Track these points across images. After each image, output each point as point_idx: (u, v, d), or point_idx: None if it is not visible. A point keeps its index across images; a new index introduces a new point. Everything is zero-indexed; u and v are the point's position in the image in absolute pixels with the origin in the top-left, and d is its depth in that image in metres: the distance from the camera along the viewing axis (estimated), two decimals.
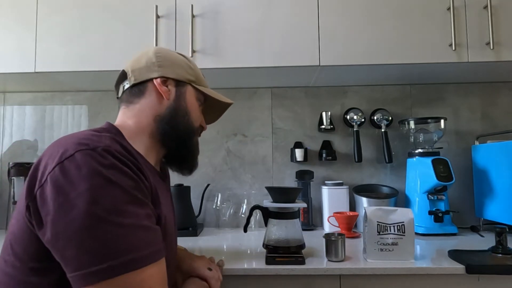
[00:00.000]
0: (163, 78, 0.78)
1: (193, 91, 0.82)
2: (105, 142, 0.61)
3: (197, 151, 0.86)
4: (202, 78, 0.86)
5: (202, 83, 0.85)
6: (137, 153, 0.71)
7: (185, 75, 0.81)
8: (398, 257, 1.00)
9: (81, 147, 0.58)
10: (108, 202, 0.54)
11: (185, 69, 0.82)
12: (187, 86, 0.81)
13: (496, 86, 1.62)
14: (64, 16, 1.35)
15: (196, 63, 0.88)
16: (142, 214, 0.58)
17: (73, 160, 0.56)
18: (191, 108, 0.81)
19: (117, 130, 0.73)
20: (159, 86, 0.77)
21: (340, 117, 1.63)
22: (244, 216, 1.55)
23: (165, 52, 0.82)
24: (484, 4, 1.27)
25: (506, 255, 1.00)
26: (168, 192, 0.86)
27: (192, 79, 0.82)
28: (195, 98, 0.83)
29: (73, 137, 0.62)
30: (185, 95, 0.81)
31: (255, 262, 1.03)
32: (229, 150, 1.64)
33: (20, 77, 1.44)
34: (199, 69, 0.86)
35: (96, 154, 0.57)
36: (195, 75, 0.83)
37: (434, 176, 1.35)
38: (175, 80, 0.80)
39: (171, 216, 0.78)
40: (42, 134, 1.69)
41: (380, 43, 1.29)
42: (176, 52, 0.85)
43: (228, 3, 1.32)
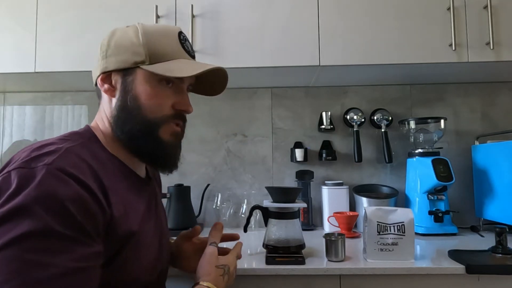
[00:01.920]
0: (105, 74, 0.68)
1: (146, 74, 0.67)
2: (51, 158, 0.54)
3: (167, 146, 0.70)
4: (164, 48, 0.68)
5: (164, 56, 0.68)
6: (112, 159, 0.66)
7: (130, 58, 0.67)
8: (398, 257, 1.00)
9: (21, 164, 0.53)
10: (13, 233, 0.47)
11: (130, 51, 0.67)
12: (136, 71, 0.67)
13: (496, 86, 1.61)
14: (64, 16, 1.35)
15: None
16: (57, 251, 0.49)
17: (6, 179, 0.52)
18: (145, 98, 0.67)
19: (92, 134, 0.68)
20: (100, 85, 0.69)
21: (340, 117, 1.63)
22: (244, 216, 1.55)
23: (110, 37, 0.70)
24: (484, 4, 1.27)
25: (506, 255, 1.00)
26: (153, 196, 0.78)
27: (140, 60, 0.66)
28: (154, 81, 0.67)
29: (34, 148, 0.57)
30: (132, 84, 0.67)
31: (255, 262, 1.03)
32: (229, 150, 1.64)
33: (20, 77, 1.44)
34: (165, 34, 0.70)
35: (31, 175, 0.51)
36: (148, 50, 0.67)
37: (434, 176, 1.35)
38: (119, 71, 0.68)
39: (150, 226, 0.71)
40: (42, 134, 1.69)
41: (380, 43, 1.29)
42: (130, 26, 0.70)
43: (228, 3, 1.32)
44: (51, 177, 0.52)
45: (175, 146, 0.72)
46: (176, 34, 0.71)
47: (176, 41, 0.71)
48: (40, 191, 0.50)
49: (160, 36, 0.69)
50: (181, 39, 0.72)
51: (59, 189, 0.51)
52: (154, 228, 0.73)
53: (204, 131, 1.63)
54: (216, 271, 0.73)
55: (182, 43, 0.71)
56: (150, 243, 0.70)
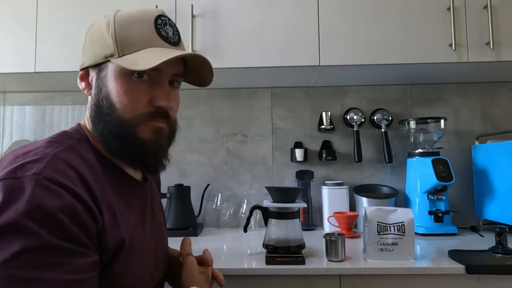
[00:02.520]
0: (83, 71, 0.65)
1: (117, 68, 0.60)
2: (39, 166, 0.51)
3: (148, 145, 0.63)
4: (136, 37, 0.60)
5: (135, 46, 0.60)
6: (103, 161, 0.62)
7: (101, 52, 0.61)
8: (398, 257, 1.00)
9: (7, 174, 0.50)
10: (8, 250, 0.45)
11: (100, 44, 0.61)
12: (108, 65, 0.61)
13: (496, 86, 1.61)
14: (64, 16, 1.35)
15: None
16: (55, 264, 0.48)
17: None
18: (118, 94, 0.60)
19: (82, 134, 0.64)
20: (79, 83, 0.65)
21: (340, 117, 1.63)
22: (244, 216, 1.55)
23: (87, 31, 0.65)
24: (484, 4, 1.27)
25: (506, 255, 1.00)
26: (149, 196, 0.74)
27: (109, 53, 0.60)
28: (125, 75, 0.60)
29: (19, 154, 0.54)
30: (104, 81, 0.61)
31: (255, 262, 1.03)
32: (229, 150, 1.64)
33: (20, 77, 1.44)
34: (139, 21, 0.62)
35: (19, 186, 0.48)
36: (119, 41, 0.60)
37: (434, 176, 1.35)
38: (95, 66, 0.62)
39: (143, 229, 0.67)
40: (42, 134, 1.69)
41: (380, 43, 1.29)
42: (104, 18, 0.64)
43: (228, 3, 1.32)
44: (40, 188, 0.49)
45: (157, 144, 0.64)
46: (153, 20, 0.62)
47: (151, 27, 0.62)
48: (31, 204, 0.47)
49: (132, 23, 0.61)
50: (157, 23, 0.62)
51: (50, 201, 0.48)
52: (149, 235, 0.69)
53: (204, 131, 1.63)
54: (199, 277, 0.75)
55: (158, 28, 0.62)
56: (144, 251, 0.66)
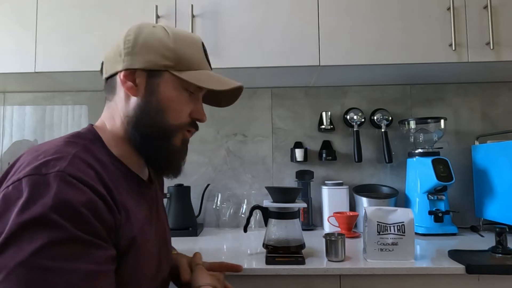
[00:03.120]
0: (128, 71, 0.65)
1: (174, 80, 0.66)
2: (62, 164, 0.54)
3: (179, 153, 0.71)
4: (191, 57, 0.68)
5: (191, 65, 0.67)
6: (114, 162, 0.64)
7: (159, 60, 0.65)
8: (398, 257, 1.00)
9: (32, 171, 0.52)
10: (37, 242, 0.47)
11: (160, 53, 0.66)
12: (163, 75, 0.66)
13: (496, 86, 1.62)
14: (64, 16, 1.35)
15: None
16: (80, 256, 0.50)
17: (17, 187, 0.51)
18: (169, 103, 0.66)
19: (95, 135, 0.66)
20: (122, 82, 0.66)
21: (340, 117, 1.63)
22: (244, 216, 1.55)
23: (137, 33, 0.67)
24: (484, 4, 1.27)
25: (506, 255, 1.00)
26: (155, 198, 0.77)
27: (170, 64, 0.66)
28: (179, 88, 0.67)
29: (37, 154, 0.56)
30: (158, 87, 0.66)
31: (255, 262, 1.03)
32: (229, 150, 1.64)
33: (20, 77, 1.44)
34: (192, 43, 0.70)
35: (44, 182, 0.51)
36: (177, 56, 0.66)
37: (434, 176, 1.35)
38: (145, 71, 0.66)
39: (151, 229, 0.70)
40: (42, 134, 1.69)
41: (380, 43, 1.29)
42: (156, 28, 0.68)
43: (228, 3, 1.32)
44: (65, 184, 0.52)
45: (183, 152, 0.73)
46: (201, 44, 0.71)
47: (201, 51, 0.71)
48: (57, 199, 0.50)
49: (188, 43, 0.69)
50: (204, 49, 0.72)
51: (74, 197, 0.51)
52: (155, 235, 0.72)
53: (204, 131, 1.63)
54: (209, 277, 0.77)
55: (205, 54, 0.72)
56: (151, 250, 0.68)
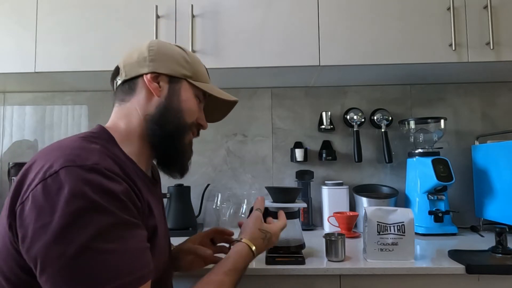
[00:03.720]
0: (154, 74, 0.73)
1: (189, 88, 0.77)
2: (94, 157, 0.58)
3: (187, 152, 0.80)
4: (202, 72, 0.81)
5: (201, 79, 0.80)
6: (128, 160, 0.69)
7: (179, 70, 0.76)
8: (398, 257, 1.00)
9: (67, 163, 0.55)
10: (92, 227, 0.51)
11: (180, 64, 0.76)
12: (182, 82, 0.76)
13: (496, 86, 1.61)
14: (64, 16, 1.35)
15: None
16: (129, 237, 0.55)
17: (56, 178, 0.53)
18: (186, 106, 0.76)
19: (108, 135, 0.70)
20: (149, 82, 0.73)
21: (340, 117, 1.63)
22: (244, 216, 1.55)
23: (160, 45, 0.77)
24: (484, 4, 1.27)
25: (506, 255, 1.00)
26: (159, 198, 0.83)
27: (188, 74, 0.77)
28: (193, 95, 0.78)
29: (62, 148, 0.59)
30: (179, 92, 0.76)
31: (255, 262, 1.02)
32: (229, 150, 1.64)
33: (20, 77, 1.44)
34: (200, 63, 0.82)
35: (83, 173, 0.54)
36: (193, 69, 0.78)
37: (434, 176, 1.35)
38: (168, 76, 0.75)
39: (162, 224, 0.75)
40: (42, 134, 1.69)
41: (380, 43, 1.29)
42: (174, 45, 0.80)
43: (228, 3, 1.32)
44: (102, 176, 0.56)
45: (190, 152, 0.82)
46: (203, 64, 0.84)
47: (206, 70, 0.84)
48: (100, 188, 0.54)
49: (198, 61, 0.82)
50: (205, 68, 0.85)
51: (113, 186, 0.56)
52: (165, 228, 0.79)
53: (204, 131, 1.62)
54: (258, 233, 0.82)
55: (207, 71, 0.85)
56: (163, 243, 0.74)
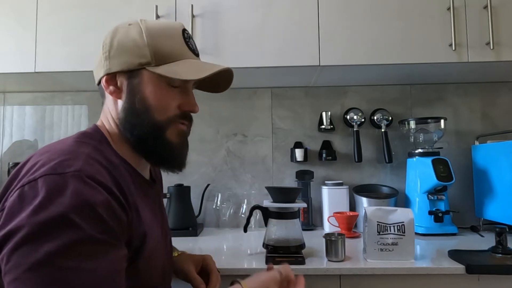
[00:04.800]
0: (109, 75, 0.67)
1: (153, 76, 0.65)
2: (78, 163, 0.54)
3: (174, 147, 0.69)
4: (169, 49, 0.66)
5: (169, 57, 0.66)
6: (122, 162, 0.65)
7: (135, 60, 0.65)
8: (398, 257, 1.00)
9: (48, 171, 0.52)
10: (56, 241, 0.48)
11: (134, 52, 0.65)
12: (142, 73, 0.66)
13: (496, 86, 1.61)
14: (64, 16, 1.35)
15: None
16: (99, 256, 0.51)
17: (33, 187, 0.51)
18: (153, 99, 0.66)
19: (102, 135, 0.67)
20: (105, 87, 0.67)
21: (340, 117, 1.63)
22: (244, 216, 1.55)
23: (113, 37, 0.67)
24: (484, 4, 1.27)
25: (506, 255, 1.00)
26: (157, 197, 0.78)
27: (146, 61, 0.65)
28: (158, 84, 0.66)
29: (51, 152, 0.57)
30: (139, 86, 0.66)
31: (255, 262, 1.03)
32: (229, 150, 1.64)
33: (20, 77, 1.44)
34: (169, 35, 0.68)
35: (61, 182, 0.51)
36: (153, 51, 0.65)
37: (434, 176, 1.35)
38: (125, 72, 0.66)
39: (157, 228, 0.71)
40: (42, 134, 1.69)
41: (380, 43, 1.29)
42: (133, 24, 0.68)
43: (228, 3, 1.32)
44: (82, 184, 0.52)
45: (182, 146, 0.71)
46: (180, 32, 0.69)
47: (181, 40, 0.68)
48: (75, 198, 0.50)
49: (164, 35, 0.67)
50: (185, 37, 0.69)
51: (91, 196, 0.52)
52: (161, 231, 0.73)
53: (204, 131, 1.63)
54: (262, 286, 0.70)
55: (187, 41, 0.69)
56: (158, 247, 0.69)
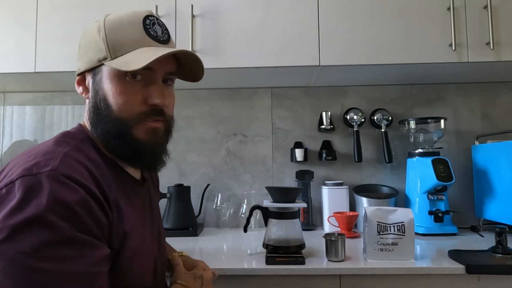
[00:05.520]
0: (79, 76, 0.67)
1: (111, 71, 0.62)
2: (54, 163, 0.53)
3: (145, 144, 0.64)
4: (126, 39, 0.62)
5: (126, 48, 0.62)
6: (105, 161, 0.64)
7: (95, 56, 0.63)
8: (398, 257, 1.00)
9: (24, 172, 0.52)
10: (29, 243, 0.47)
11: (93, 48, 0.63)
12: (102, 69, 0.63)
13: (496, 86, 1.61)
14: (64, 16, 1.35)
15: None
16: (76, 257, 0.50)
17: (10, 189, 0.51)
18: (115, 94, 0.62)
19: (85, 134, 0.66)
20: (76, 88, 0.67)
21: (340, 117, 1.63)
22: (244, 216, 1.55)
23: (81, 37, 0.68)
24: (484, 4, 1.27)
25: (506, 255, 1.00)
26: (148, 197, 0.75)
27: (103, 56, 0.62)
28: (119, 77, 0.62)
29: (30, 153, 0.56)
30: (100, 84, 0.64)
31: (255, 262, 1.03)
32: (229, 150, 1.64)
33: (20, 77, 1.44)
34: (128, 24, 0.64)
35: (36, 182, 0.51)
36: (111, 44, 0.62)
37: (434, 176, 1.35)
38: (90, 71, 0.65)
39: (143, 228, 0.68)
40: (42, 134, 1.69)
41: (380, 43, 1.29)
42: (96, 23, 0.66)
43: (228, 3, 1.32)
44: (58, 183, 0.51)
45: (155, 143, 0.66)
46: (141, 20, 0.64)
47: (140, 28, 0.64)
48: (51, 199, 0.50)
49: (121, 25, 0.64)
50: (146, 24, 0.64)
51: (67, 196, 0.51)
52: (150, 232, 0.71)
53: (204, 131, 1.63)
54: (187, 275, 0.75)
55: (147, 28, 0.64)
56: (145, 249, 0.67)
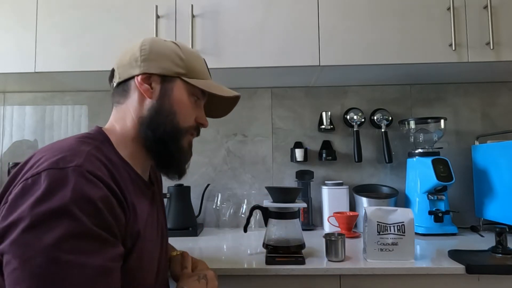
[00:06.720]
0: (145, 75, 0.71)
1: (184, 86, 0.73)
2: (79, 159, 0.56)
3: (184, 155, 0.77)
4: (199, 68, 0.77)
5: (198, 75, 0.76)
6: (122, 162, 0.68)
7: (172, 68, 0.73)
8: (398, 257, 1.00)
9: (50, 165, 0.54)
10: (51, 233, 0.49)
11: (173, 61, 0.73)
12: (176, 80, 0.73)
13: (496, 86, 1.61)
14: (64, 16, 1.35)
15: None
16: (95, 251, 0.52)
17: (36, 180, 0.53)
18: (180, 106, 0.73)
19: (104, 136, 0.69)
20: (139, 84, 0.71)
21: (340, 117, 1.63)
22: (244, 216, 1.55)
23: (153, 44, 0.74)
24: (484, 4, 1.27)
25: (506, 255, 1.00)
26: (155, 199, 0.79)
27: (182, 72, 0.73)
28: (188, 93, 0.74)
29: (53, 149, 0.59)
30: (171, 92, 0.72)
31: (255, 262, 1.03)
32: (229, 150, 1.64)
33: (20, 77, 1.44)
34: (198, 58, 0.79)
35: (62, 175, 0.53)
36: (187, 66, 0.74)
37: (434, 176, 1.35)
38: (160, 76, 0.72)
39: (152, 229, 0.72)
40: (42, 134, 1.69)
41: (380, 43, 1.29)
42: (169, 41, 0.77)
43: (228, 3, 1.32)
44: (82, 179, 0.54)
45: (188, 154, 0.78)
46: (203, 59, 0.81)
47: (204, 65, 0.80)
48: (75, 192, 0.52)
49: (195, 56, 0.77)
50: (205, 63, 0.82)
51: (91, 191, 0.54)
52: (156, 233, 0.75)
53: (204, 131, 1.61)
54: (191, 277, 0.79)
55: (207, 67, 0.81)
56: (153, 249, 0.71)
